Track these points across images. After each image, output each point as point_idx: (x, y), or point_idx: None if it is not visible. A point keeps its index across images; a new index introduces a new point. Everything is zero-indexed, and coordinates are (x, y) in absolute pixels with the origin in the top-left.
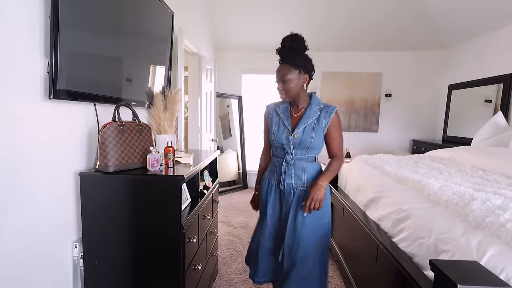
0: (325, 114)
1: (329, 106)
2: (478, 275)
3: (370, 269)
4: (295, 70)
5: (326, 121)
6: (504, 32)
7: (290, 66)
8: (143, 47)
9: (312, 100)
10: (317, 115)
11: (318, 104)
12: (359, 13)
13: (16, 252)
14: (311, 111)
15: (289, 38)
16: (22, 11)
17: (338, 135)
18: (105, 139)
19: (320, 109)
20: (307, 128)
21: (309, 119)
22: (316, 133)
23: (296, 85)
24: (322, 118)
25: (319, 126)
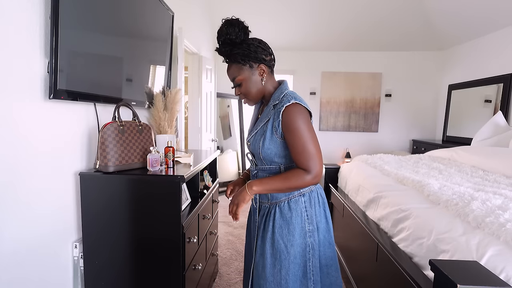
0: (276, 113)
1: (282, 100)
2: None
3: (370, 269)
4: (243, 66)
5: (277, 123)
6: (504, 32)
7: (236, 63)
8: (143, 47)
9: (275, 93)
10: (270, 115)
11: (276, 98)
12: (359, 13)
13: (16, 252)
14: (267, 109)
15: (224, 29)
16: (22, 11)
17: (296, 140)
18: (105, 139)
19: (274, 106)
20: (258, 134)
21: (261, 121)
22: (266, 140)
23: (254, 83)
24: (272, 120)
25: (268, 130)
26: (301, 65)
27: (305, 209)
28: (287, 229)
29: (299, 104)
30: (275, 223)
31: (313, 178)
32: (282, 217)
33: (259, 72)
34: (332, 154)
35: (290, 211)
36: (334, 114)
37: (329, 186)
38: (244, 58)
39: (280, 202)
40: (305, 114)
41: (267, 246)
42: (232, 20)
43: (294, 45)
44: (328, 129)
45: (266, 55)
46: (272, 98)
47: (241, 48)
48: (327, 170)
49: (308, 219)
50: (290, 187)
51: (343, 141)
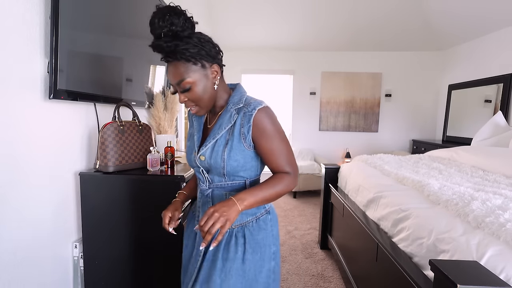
0: (244, 118)
1: (250, 103)
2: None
3: (370, 269)
4: (194, 65)
5: (246, 129)
6: (503, 32)
7: (184, 61)
8: (143, 47)
9: (232, 96)
10: (233, 120)
11: (237, 102)
12: (359, 13)
13: (16, 252)
14: (227, 114)
15: (166, 18)
16: (22, 11)
17: (275, 145)
18: (105, 139)
19: (238, 110)
20: (219, 144)
21: (221, 129)
22: (233, 151)
23: (206, 87)
24: (239, 125)
25: (235, 138)
26: (301, 65)
27: (271, 228)
28: (259, 254)
29: (268, 108)
30: (246, 249)
31: (295, 179)
32: (254, 240)
33: (213, 74)
34: (332, 154)
35: (259, 231)
36: (334, 114)
37: (329, 186)
38: (196, 55)
39: (247, 223)
40: (275, 116)
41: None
42: (175, 8)
43: (294, 45)
44: (328, 129)
45: (218, 53)
46: (231, 103)
47: (191, 42)
48: (327, 170)
49: (275, 239)
50: (279, 194)
51: (343, 141)
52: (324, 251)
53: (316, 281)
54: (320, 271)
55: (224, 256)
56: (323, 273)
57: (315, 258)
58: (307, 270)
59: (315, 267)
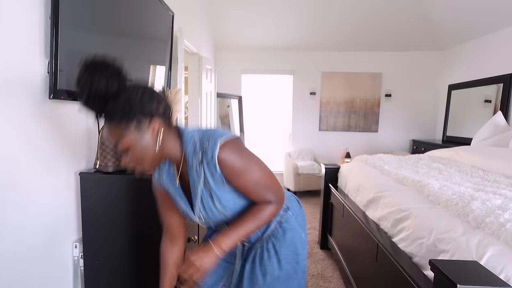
0: (209, 168)
1: (206, 150)
2: (478, 275)
3: (370, 269)
4: (126, 125)
5: (219, 176)
6: (503, 32)
7: (114, 124)
8: (143, 47)
9: (185, 147)
10: (201, 174)
11: (193, 152)
12: (359, 13)
13: (16, 251)
14: (192, 170)
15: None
16: (22, 11)
17: (248, 179)
18: (105, 139)
19: (199, 162)
20: (205, 199)
21: (195, 186)
22: (222, 197)
23: (145, 147)
24: (209, 175)
25: (215, 186)
26: (301, 65)
27: (295, 220)
28: (291, 253)
29: (226, 140)
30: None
31: (278, 204)
32: (284, 244)
33: (153, 131)
34: (332, 154)
35: (286, 233)
36: (334, 114)
37: (329, 186)
38: (126, 115)
39: (272, 232)
40: (237, 144)
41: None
42: (94, 62)
43: (294, 45)
44: (328, 129)
45: (158, 104)
46: (189, 156)
47: (119, 101)
48: (327, 170)
49: (302, 225)
50: (263, 223)
51: (343, 141)
52: (324, 251)
53: (316, 281)
54: (320, 271)
55: (262, 271)
56: (323, 273)
57: (315, 258)
58: (307, 270)
59: (315, 267)
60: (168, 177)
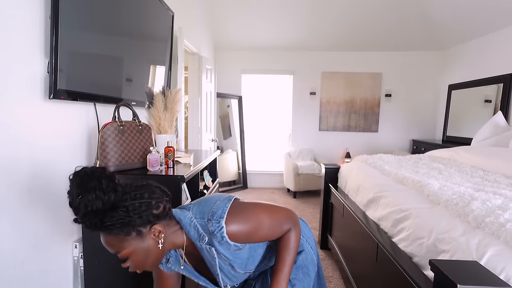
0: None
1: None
2: (478, 275)
3: (370, 269)
4: (127, 236)
5: (233, 249)
6: (504, 32)
7: (113, 236)
8: (143, 47)
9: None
10: (214, 254)
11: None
12: (359, 13)
13: (17, 252)
14: (204, 252)
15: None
16: (22, 11)
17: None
18: (105, 139)
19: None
20: (227, 271)
21: (212, 265)
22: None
23: (147, 252)
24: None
25: (232, 257)
26: (301, 65)
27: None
28: (301, 274)
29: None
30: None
31: (296, 226)
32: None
33: (153, 237)
34: (332, 154)
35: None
36: (334, 114)
37: (329, 186)
38: (126, 227)
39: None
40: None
41: None
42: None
43: (294, 45)
44: (328, 129)
45: (157, 207)
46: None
47: (117, 214)
48: (327, 170)
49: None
50: (296, 249)
51: (343, 141)
52: (324, 251)
53: None
54: None
55: None
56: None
57: None
58: None
59: None
60: (178, 262)
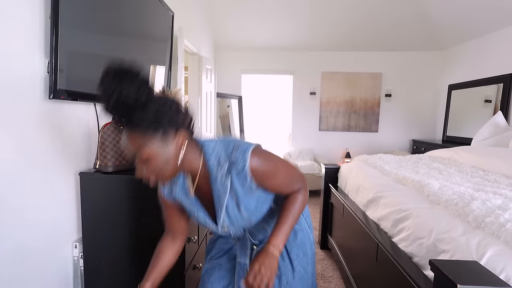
0: (239, 178)
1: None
2: (478, 275)
3: (370, 269)
4: (152, 135)
5: (248, 185)
6: (503, 32)
7: (139, 132)
8: (143, 47)
9: (207, 160)
10: (227, 187)
11: (218, 164)
12: (359, 13)
13: (17, 251)
14: (217, 183)
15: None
16: (22, 11)
17: (279, 178)
18: (105, 139)
19: (226, 174)
20: (231, 210)
21: (221, 198)
22: (248, 206)
23: (167, 158)
24: (239, 185)
25: (243, 196)
26: (301, 65)
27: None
28: (301, 253)
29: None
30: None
31: (305, 189)
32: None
33: (179, 143)
34: (332, 154)
35: (297, 234)
36: (334, 114)
37: (329, 186)
38: (154, 125)
39: None
40: (262, 150)
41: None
42: (124, 69)
43: (294, 45)
44: (328, 129)
45: (184, 115)
46: (212, 169)
47: (148, 111)
48: (327, 170)
49: (310, 224)
50: (300, 213)
51: (343, 141)
52: (324, 251)
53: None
54: (320, 271)
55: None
56: (323, 273)
57: None
58: None
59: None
60: (183, 190)
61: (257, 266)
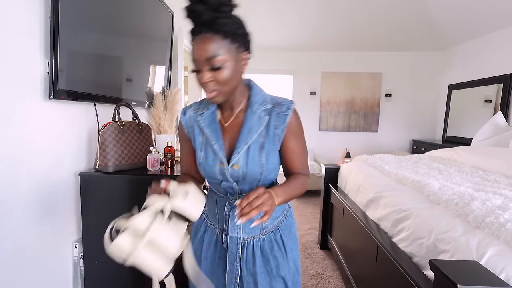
0: (277, 119)
1: (281, 103)
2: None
3: (370, 269)
4: (230, 44)
5: (281, 130)
6: (503, 32)
7: (221, 36)
8: (143, 47)
9: (253, 95)
10: (264, 122)
11: (262, 102)
12: (359, 13)
13: (17, 251)
14: (254, 116)
15: None
16: (22, 11)
17: (301, 146)
18: (105, 139)
19: (267, 110)
20: (253, 149)
21: (252, 131)
22: (269, 154)
23: (235, 71)
24: (273, 126)
25: (270, 140)
26: (301, 65)
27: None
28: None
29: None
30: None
31: (307, 179)
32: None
33: (243, 61)
34: (332, 154)
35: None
36: (334, 114)
37: (329, 186)
38: (235, 33)
39: (279, 223)
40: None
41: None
42: None
43: (294, 45)
44: (328, 129)
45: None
46: (255, 103)
47: (231, 19)
48: (327, 170)
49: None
50: (298, 195)
51: (343, 141)
52: (324, 251)
53: (316, 281)
54: (320, 271)
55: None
56: (323, 273)
57: (315, 258)
58: (307, 270)
59: (315, 267)
60: (210, 117)
61: (261, 190)
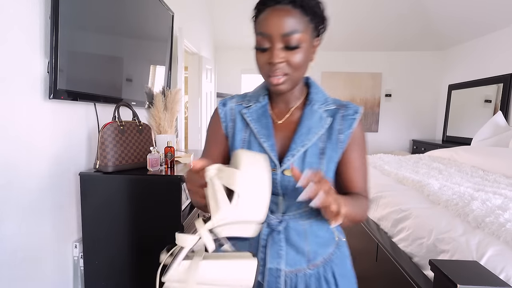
0: (342, 122)
1: (346, 105)
2: (478, 275)
3: (370, 269)
4: (309, 22)
5: (346, 136)
6: (504, 32)
7: (302, 12)
8: (143, 47)
9: (313, 92)
10: (326, 124)
11: (324, 101)
12: (359, 13)
13: (17, 251)
14: (314, 115)
15: None
16: (22, 11)
17: (363, 161)
18: (105, 139)
19: (330, 112)
20: (310, 154)
21: (311, 132)
22: (330, 161)
23: (307, 56)
24: (336, 131)
25: (332, 146)
26: None
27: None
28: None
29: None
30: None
31: (369, 203)
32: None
33: (315, 47)
34: None
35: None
36: None
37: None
38: (315, 13)
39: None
40: None
41: None
42: None
43: None
44: None
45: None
46: (316, 101)
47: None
48: None
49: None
50: (362, 217)
51: None
52: None
53: None
54: None
55: None
56: None
57: None
58: None
59: None
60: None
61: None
